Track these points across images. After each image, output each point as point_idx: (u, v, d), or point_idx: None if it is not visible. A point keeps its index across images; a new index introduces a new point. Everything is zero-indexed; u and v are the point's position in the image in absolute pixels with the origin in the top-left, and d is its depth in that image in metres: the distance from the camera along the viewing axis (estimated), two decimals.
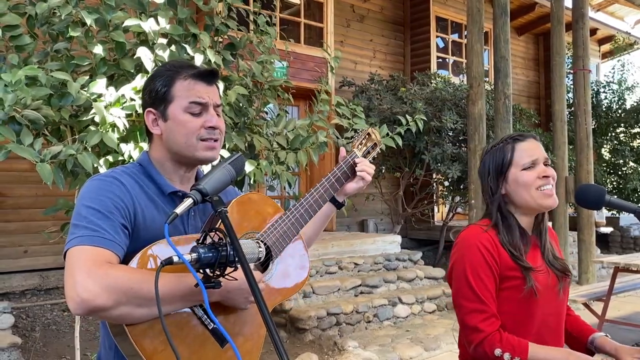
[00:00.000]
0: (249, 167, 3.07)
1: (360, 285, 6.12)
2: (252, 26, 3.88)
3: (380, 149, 1.92)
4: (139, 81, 2.73)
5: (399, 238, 7.41)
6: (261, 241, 1.33)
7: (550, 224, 1.87)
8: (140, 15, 3.00)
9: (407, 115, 3.74)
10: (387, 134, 3.50)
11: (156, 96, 1.39)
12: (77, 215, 1.25)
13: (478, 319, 1.58)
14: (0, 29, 2.80)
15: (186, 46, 3.02)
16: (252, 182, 3.15)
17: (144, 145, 2.70)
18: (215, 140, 1.40)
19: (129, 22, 2.86)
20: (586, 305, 5.18)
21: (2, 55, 2.90)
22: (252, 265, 1.38)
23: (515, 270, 1.62)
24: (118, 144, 2.70)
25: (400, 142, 3.53)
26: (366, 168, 1.68)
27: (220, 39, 3.58)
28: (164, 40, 2.93)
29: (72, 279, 1.14)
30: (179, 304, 1.23)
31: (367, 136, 1.80)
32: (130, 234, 1.29)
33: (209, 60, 3.11)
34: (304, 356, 4.56)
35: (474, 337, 1.58)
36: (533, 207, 1.68)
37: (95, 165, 2.68)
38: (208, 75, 1.41)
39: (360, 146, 1.76)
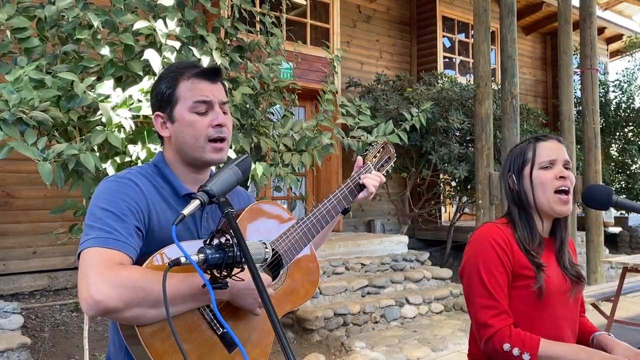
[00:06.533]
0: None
1: (367, 285, 6.12)
2: (258, 27, 3.89)
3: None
4: (146, 83, 2.74)
5: (406, 238, 7.40)
6: (269, 246, 1.32)
7: None
8: (150, 17, 3.01)
9: (411, 111, 3.72)
10: (393, 131, 3.50)
11: (162, 99, 1.40)
12: (92, 216, 1.27)
13: (489, 315, 1.59)
14: (9, 31, 2.82)
15: (193, 49, 3.04)
16: (256, 182, 3.15)
17: (151, 146, 2.71)
18: (223, 140, 1.40)
19: (139, 25, 2.87)
20: (594, 305, 5.16)
21: (14, 57, 2.92)
22: (259, 268, 1.39)
23: (528, 269, 1.62)
24: (125, 145, 2.72)
25: (405, 138, 3.52)
26: (371, 181, 1.67)
27: (229, 42, 3.60)
28: (173, 43, 2.95)
29: (85, 281, 1.15)
30: (190, 303, 1.24)
31: (382, 149, 1.79)
32: (144, 236, 1.30)
33: (216, 63, 3.12)
34: (311, 357, 4.57)
35: (484, 332, 1.59)
36: (546, 211, 1.68)
37: (104, 167, 2.69)
38: (211, 73, 1.41)
39: (374, 159, 1.76)
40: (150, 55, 2.79)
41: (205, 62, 3.01)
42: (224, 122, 1.40)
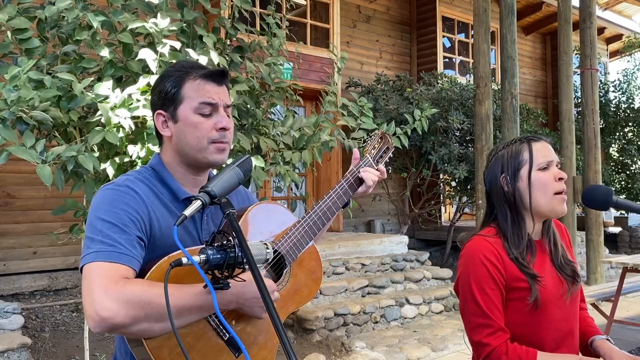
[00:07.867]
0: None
1: (367, 285, 6.12)
2: (259, 27, 3.89)
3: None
4: (143, 82, 2.74)
5: (406, 238, 7.41)
6: (273, 248, 1.32)
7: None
8: (150, 17, 3.01)
9: (414, 114, 3.71)
10: (395, 133, 3.49)
11: (166, 97, 1.38)
12: (92, 228, 1.24)
13: (484, 334, 1.57)
14: (10, 32, 2.82)
15: (189, 50, 3.03)
16: (253, 178, 3.12)
17: (150, 146, 2.71)
18: (226, 142, 1.39)
19: (134, 24, 2.87)
20: (594, 305, 5.16)
21: (14, 57, 2.93)
22: (261, 268, 1.39)
23: (521, 281, 1.60)
24: (125, 145, 2.72)
25: (406, 143, 3.51)
26: (370, 176, 1.65)
27: (229, 42, 3.60)
28: (173, 42, 2.94)
29: (91, 298, 1.14)
30: (196, 314, 1.23)
31: (380, 139, 1.77)
32: (146, 244, 1.28)
33: (215, 63, 3.12)
34: (311, 357, 4.57)
35: (481, 351, 1.58)
36: (544, 211, 1.65)
37: (104, 167, 2.69)
38: (218, 76, 1.40)
39: (372, 150, 1.74)
40: (146, 54, 2.78)
41: (202, 61, 3.00)
42: (228, 126, 1.39)
